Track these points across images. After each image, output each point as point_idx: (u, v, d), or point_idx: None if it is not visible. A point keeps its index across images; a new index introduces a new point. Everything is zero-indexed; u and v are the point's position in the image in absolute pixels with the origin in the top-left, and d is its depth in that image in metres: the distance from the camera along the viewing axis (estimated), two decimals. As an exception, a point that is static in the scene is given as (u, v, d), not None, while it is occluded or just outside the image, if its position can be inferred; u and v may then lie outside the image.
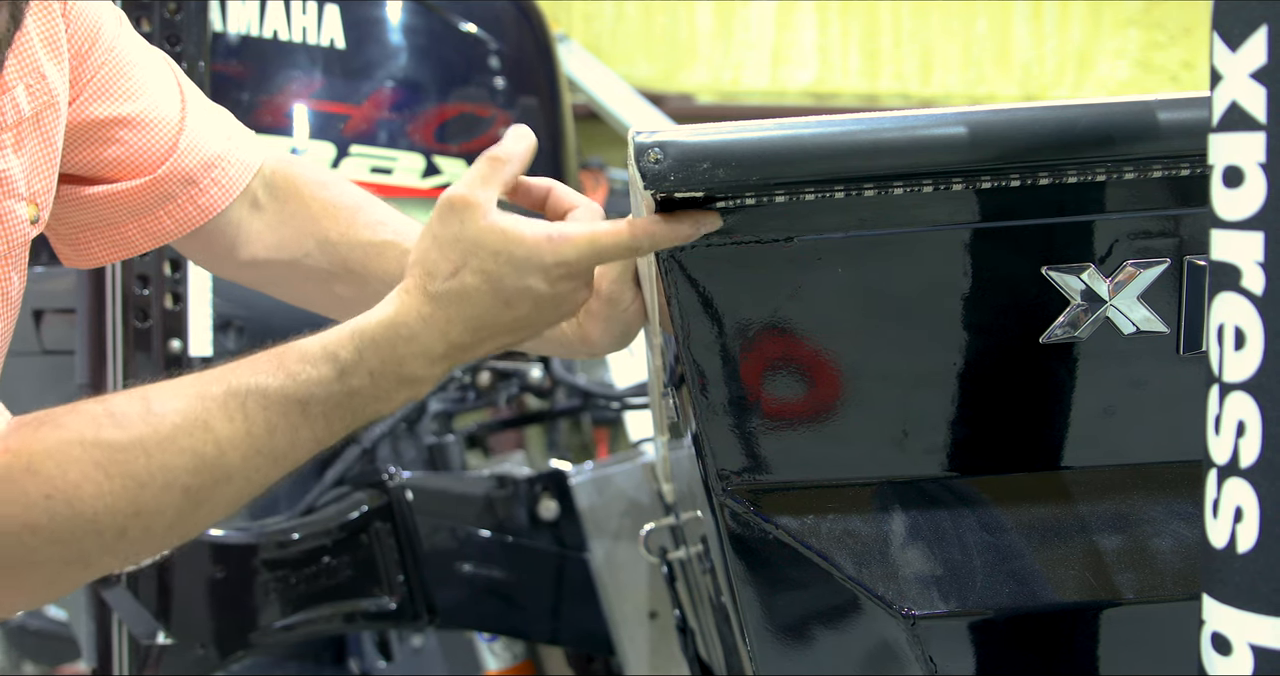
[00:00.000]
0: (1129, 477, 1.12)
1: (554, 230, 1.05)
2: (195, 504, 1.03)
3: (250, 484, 1.05)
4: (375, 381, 1.06)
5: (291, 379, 1.04)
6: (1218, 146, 0.75)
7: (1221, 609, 0.75)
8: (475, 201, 1.06)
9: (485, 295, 1.05)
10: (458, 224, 1.06)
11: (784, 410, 1.08)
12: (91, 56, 1.21)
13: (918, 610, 1.08)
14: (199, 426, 1.02)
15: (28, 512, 0.98)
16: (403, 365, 1.06)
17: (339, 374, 1.05)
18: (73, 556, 1.01)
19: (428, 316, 1.06)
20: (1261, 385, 0.72)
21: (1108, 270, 1.04)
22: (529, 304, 1.06)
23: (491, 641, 2.30)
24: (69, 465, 0.99)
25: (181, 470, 1.01)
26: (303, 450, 1.06)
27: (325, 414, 1.05)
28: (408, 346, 1.06)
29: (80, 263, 1.32)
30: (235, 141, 1.33)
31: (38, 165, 1.14)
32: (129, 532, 1.01)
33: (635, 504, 2.12)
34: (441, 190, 1.11)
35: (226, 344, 2.05)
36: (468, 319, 1.06)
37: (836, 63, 4.72)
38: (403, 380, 1.07)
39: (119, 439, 1.00)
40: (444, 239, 1.06)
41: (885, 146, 0.98)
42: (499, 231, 1.05)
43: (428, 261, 1.07)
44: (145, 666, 1.93)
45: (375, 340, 1.05)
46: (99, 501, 0.99)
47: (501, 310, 1.06)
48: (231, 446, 1.03)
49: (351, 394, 1.05)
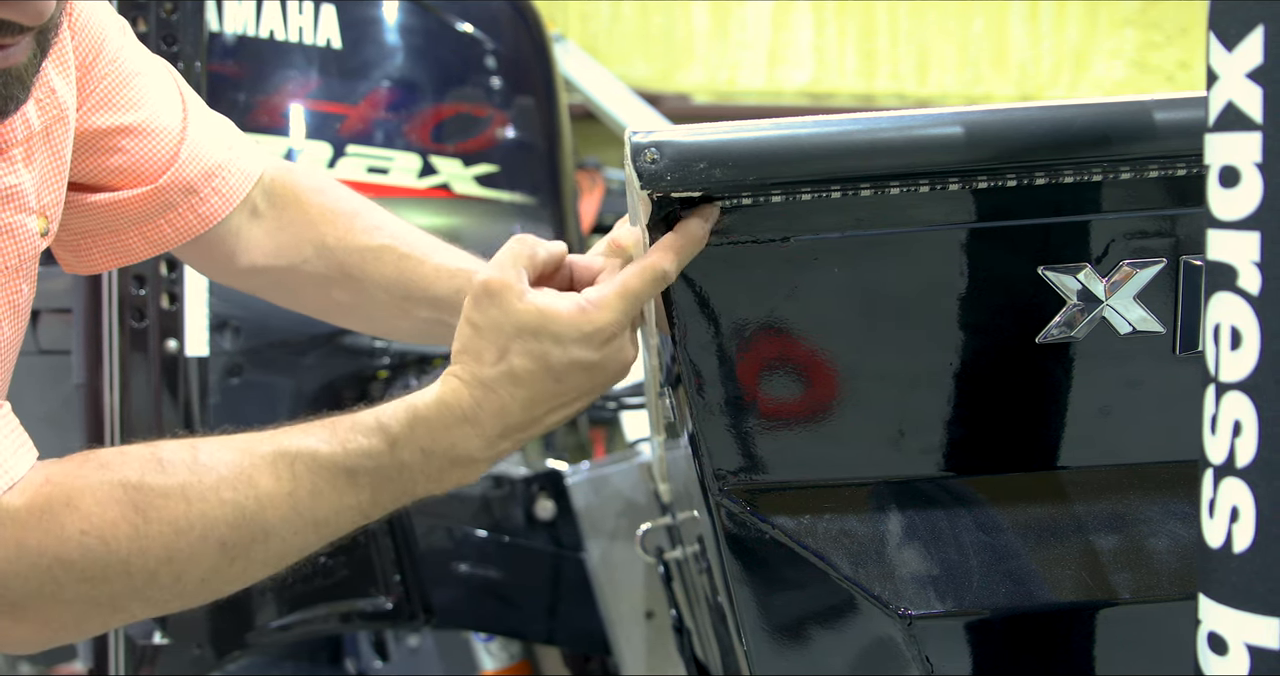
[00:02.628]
0: (1125, 477, 1.12)
1: (585, 299, 1.05)
2: (230, 559, 1.02)
3: (288, 546, 1.05)
4: (426, 459, 1.06)
5: (342, 446, 1.04)
6: (1214, 146, 0.75)
7: (1218, 609, 0.75)
8: (507, 283, 1.05)
9: (536, 375, 1.05)
10: (495, 309, 1.05)
11: (780, 410, 1.08)
12: (96, 67, 1.22)
13: (914, 610, 1.08)
14: (244, 481, 1.02)
15: (61, 546, 0.97)
16: (455, 446, 1.06)
17: (390, 446, 1.05)
18: (102, 597, 1.00)
19: (481, 400, 1.06)
20: (1258, 385, 0.72)
21: (1104, 270, 1.05)
22: (580, 374, 1.06)
23: (488, 641, 2.30)
24: (109, 504, 0.98)
25: (220, 522, 1.01)
26: (346, 519, 1.06)
27: (373, 485, 1.05)
28: (460, 428, 1.06)
29: (81, 269, 1.33)
30: (236, 151, 1.33)
31: (48, 178, 1.14)
32: (160, 578, 1.01)
33: (632, 504, 2.12)
34: (438, 191, 1.11)
35: (223, 344, 2.05)
36: (522, 399, 1.06)
37: (833, 63, 4.72)
38: (456, 461, 1.07)
39: (162, 484, 1.00)
40: (484, 325, 1.06)
41: (882, 146, 0.98)
42: (535, 311, 1.04)
43: (472, 349, 1.06)
44: (142, 666, 1.93)
45: (428, 419, 1.05)
46: (134, 543, 0.99)
47: (554, 385, 1.06)
48: (273, 505, 1.02)
49: (401, 468, 1.05)
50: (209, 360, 1.99)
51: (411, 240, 1.34)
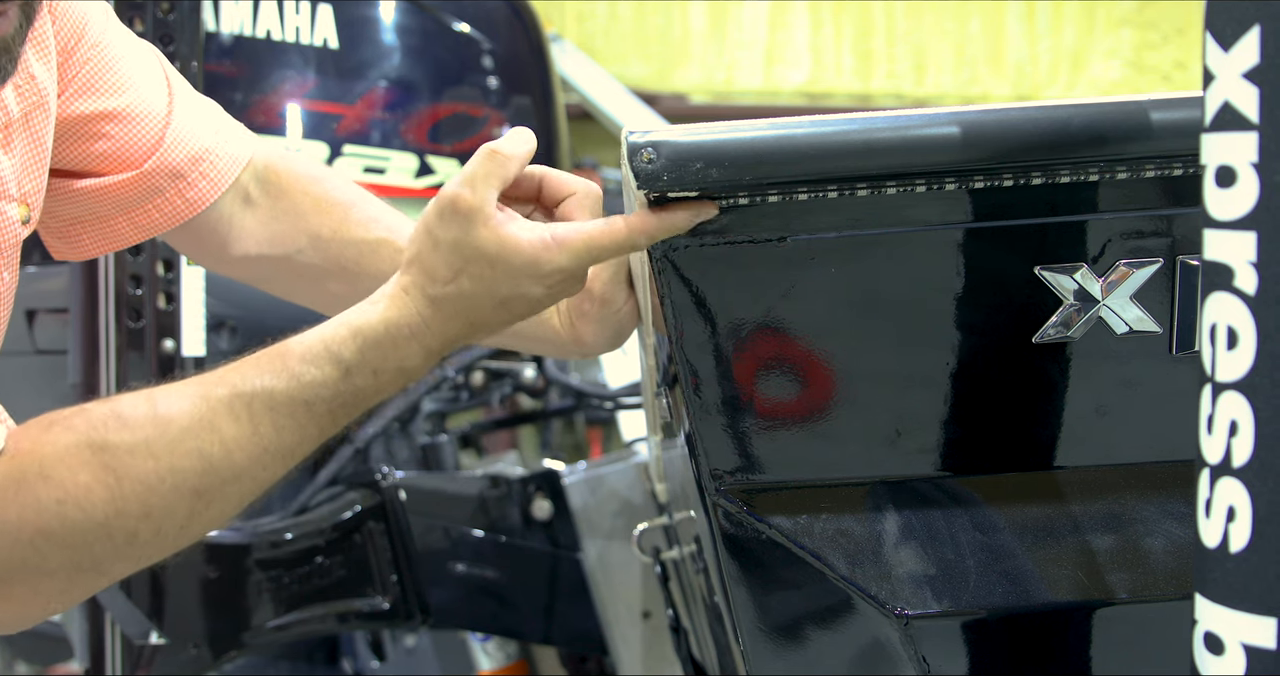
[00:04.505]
0: (1122, 477, 1.12)
1: (550, 236, 1.05)
2: (206, 504, 1.04)
3: (258, 482, 1.06)
4: (378, 378, 1.07)
5: (296, 380, 1.05)
6: (1210, 146, 0.75)
7: (1214, 608, 0.75)
8: (475, 204, 1.06)
9: (483, 298, 1.07)
10: (458, 229, 1.06)
11: (777, 410, 1.08)
12: (77, 52, 1.21)
13: (911, 610, 1.09)
14: (206, 428, 1.03)
15: (40, 517, 0.98)
16: (404, 361, 1.08)
17: (344, 374, 1.06)
18: (85, 562, 1.01)
19: (429, 317, 1.07)
20: (1254, 385, 0.72)
21: (1101, 270, 1.05)
22: (524, 305, 1.08)
23: (485, 641, 2.30)
24: (80, 469, 0.99)
25: (190, 472, 1.02)
26: (308, 445, 1.08)
27: (330, 411, 1.07)
28: (408, 345, 1.07)
29: (71, 255, 1.33)
30: (224, 135, 1.33)
31: (28, 165, 1.14)
32: (140, 535, 1.02)
33: (629, 504, 2.11)
34: (435, 190, 1.11)
35: (220, 344, 2.05)
36: (465, 319, 1.08)
37: (830, 63, 4.72)
38: (402, 372, 1.08)
39: (128, 441, 1.01)
40: (444, 243, 1.06)
41: (879, 146, 0.98)
42: (498, 239, 1.05)
43: (427, 264, 1.07)
44: (138, 666, 1.93)
45: (378, 341, 1.06)
46: (110, 505, 0.99)
47: (498, 309, 1.08)
48: (238, 447, 1.03)
49: (356, 392, 1.07)
50: (206, 360, 1.99)
51: (408, 233, 1.33)
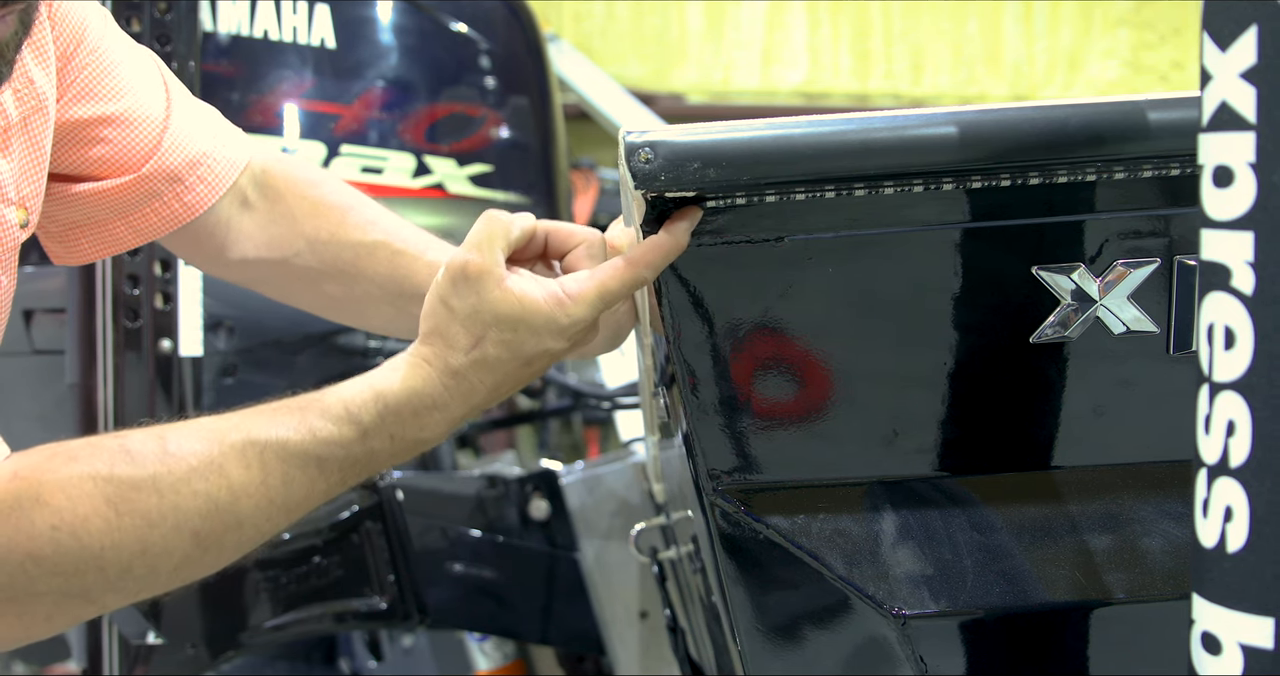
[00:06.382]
0: (1120, 477, 1.12)
1: (563, 291, 1.06)
2: (203, 548, 1.02)
3: (259, 532, 1.05)
4: (394, 444, 1.07)
5: (312, 435, 1.04)
6: (1208, 146, 0.75)
7: (1211, 608, 0.75)
8: (485, 266, 1.06)
9: (508, 362, 1.07)
10: (473, 294, 1.06)
11: (775, 410, 1.08)
12: (76, 57, 1.21)
13: (908, 610, 1.09)
14: (214, 471, 1.01)
15: (32, 542, 0.97)
16: (423, 430, 1.07)
17: (360, 436, 1.05)
18: (75, 590, 1.00)
19: (452, 388, 1.07)
20: (1251, 385, 0.72)
21: (1098, 270, 1.05)
22: (547, 360, 1.08)
23: (482, 641, 2.30)
24: (80, 499, 0.98)
25: (193, 513, 1.01)
26: (313, 502, 1.07)
27: (341, 470, 1.06)
28: (429, 415, 1.07)
29: (70, 259, 1.33)
30: (221, 139, 1.33)
31: (26, 170, 1.14)
32: (134, 571, 1.00)
33: (626, 503, 2.12)
34: (433, 190, 1.11)
35: (217, 344, 2.05)
36: (490, 384, 1.08)
37: (827, 63, 4.72)
38: (420, 442, 1.08)
39: (133, 476, 0.99)
40: (461, 311, 1.06)
41: (876, 146, 0.98)
42: (517, 300, 1.05)
43: (447, 334, 1.07)
44: (135, 666, 1.93)
45: (398, 409, 1.06)
46: (106, 537, 0.98)
47: (522, 369, 1.08)
48: (245, 494, 1.02)
49: (370, 454, 1.06)
50: (203, 360, 1.99)
51: (405, 236, 1.33)
